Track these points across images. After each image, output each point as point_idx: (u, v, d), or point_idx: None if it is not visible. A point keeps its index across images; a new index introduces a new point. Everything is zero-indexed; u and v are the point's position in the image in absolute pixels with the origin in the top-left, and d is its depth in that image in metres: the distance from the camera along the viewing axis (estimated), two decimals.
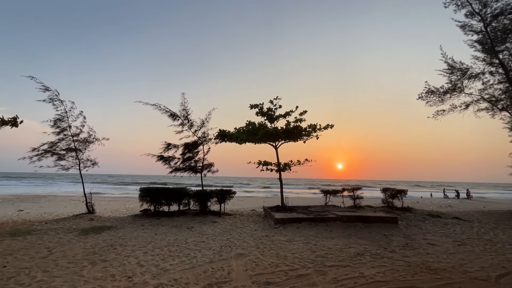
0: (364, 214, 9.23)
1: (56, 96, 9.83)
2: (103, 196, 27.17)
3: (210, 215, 10.20)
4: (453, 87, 14.81)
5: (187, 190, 10.84)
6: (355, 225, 8.50)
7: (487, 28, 13.75)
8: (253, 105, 12.77)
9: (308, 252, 5.64)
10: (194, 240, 6.48)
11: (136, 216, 9.99)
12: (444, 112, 15.51)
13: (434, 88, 15.19)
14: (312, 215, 9.07)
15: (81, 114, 10.38)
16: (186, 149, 11.69)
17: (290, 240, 6.68)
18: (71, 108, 10.19)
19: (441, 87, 15.10)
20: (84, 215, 10.22)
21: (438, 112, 15.56)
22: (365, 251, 5.83)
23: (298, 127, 11.73)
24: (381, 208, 11.86)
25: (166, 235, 7.03)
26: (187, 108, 11.40)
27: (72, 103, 10.21)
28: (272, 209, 10.60)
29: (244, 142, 12.85)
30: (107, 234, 6.97)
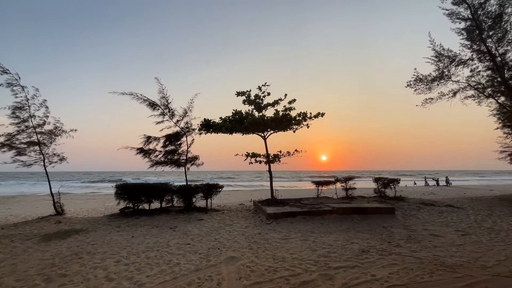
0: (360, 205, 8.76)
1: (16, 81, 8.44)
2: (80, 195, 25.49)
3: (196, 212, 9.37)
4: (441, 75, 14.65)
5: (169, 185, 9.92)
6: (351, 217, 8.00)
7: (474, 15, 13.58)
8: (239, 92, 11.89)
9: (308, 252, 5.00)
10: (178, 243, 5.66)
11: (113, 216, 8.96)
12: (432, 100, 15.41)
13: (422, 76, 15.00)
14: (306, 208, 8.48)
15: (45, 104, 9.05)
16: (168, 141, 10.68)
17: (286, 238, 6.01)
18: (34, 96, 8.83)
19: (428, 75, 14.93)
20: (52, 217, 9.04)
21: (426, 100, 15.43)
22: (369, 247, 5.27)
23: (287, 115, 11.02)
24: (374, 198, 11.53)
25: (145, 237, 6.15)
26: (166, 95, 10.35)
27: (36, 90, 8.86)
28: (262, 203, 9.91)
29: (230, 133, 11.99)
30: (73, 240, 5.98)
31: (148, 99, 10.28)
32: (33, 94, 8.75)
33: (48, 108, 9.11)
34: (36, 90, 8.77)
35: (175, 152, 10.85)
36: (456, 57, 13.83)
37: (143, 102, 10.31)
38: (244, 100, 12.08)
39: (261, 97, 11.93)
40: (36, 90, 8.76)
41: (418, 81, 15.15)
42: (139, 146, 10.51)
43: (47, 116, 9.08)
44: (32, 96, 8.73)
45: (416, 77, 15.10)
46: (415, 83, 15.26)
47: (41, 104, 8.93)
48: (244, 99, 12.06)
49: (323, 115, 12.15)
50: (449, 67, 14.35)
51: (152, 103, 10.36)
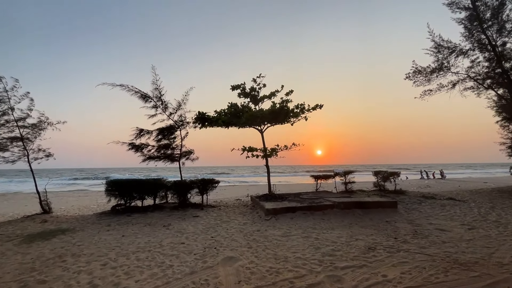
0: (362, 199, 8.49)
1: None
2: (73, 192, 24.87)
3: (191, 208, 8.98)
4: (440, 66, 14.39)
5: (163, 181, 9.48)
6: (353, 212, 7.72)
7: (475, 3, 13.29)
8: (234, 85, 11.45)
9: (311, 250, 4.67)
10: (171, 242, 5.28)
11: (104, 214, 8.52)
12: (431, 92, 15.19)
13: (421, 68, 14.73)
14: (306, 203, 8.17)
15: (27, 96, 8.46)
16: (161, 135, 10.21)
17: (286, 235, 5.68)
18: (14, 87, 8.23)
19: (427, 67, 14.65)
20: (38, 215, 8.56)
21: (425, 92, 15.20)
22: (375, 244, 4.98)
23: (285, 107, 10.63)
24: (374, 192, 11.30)
25: (137, 236, 5.75)
26: (159, 87, 9.83)
27: (16, 80, 8.25)
28: (260, 198, 9.58)
29: (226, 126, 11.57)
30: (58, 240, 5.55)
31: (140, 90, 9.76)
32: (13, 85, 8.15)
33: (33, 101, 8.54)
34: (16, 81, 8.18)
35: (168, 146, 10.40)
36: (456, 47, 13.55)
37: (135, 94, 9.80)
38: (240, 93, 11.65)
39: (257, 90, 11.51)
40: (16, 81, 8.17)
41: (417, 73, 14.89)
42: (131, 140, 10.02)
43: (30, 109, 8.51)
44: (11, 87, 8.13)
45: (415, 69, 14.82)
46: (414, 75, 14.99)
47: (23, 96, 8.34)
48: (239, 92, 11.64)
49: (322, 107, 11.79)
50: (449, 58, 14.09)
51: (144, 95, 9.84)
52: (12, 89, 8.14)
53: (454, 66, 14.09)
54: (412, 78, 15.08)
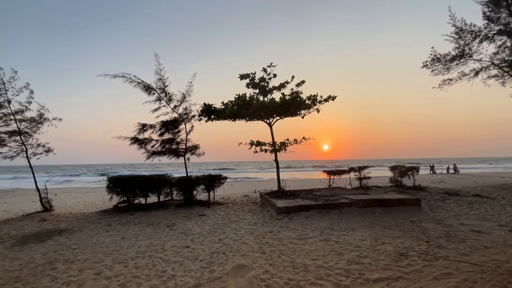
0: (381, 197, 7.81)
1: None
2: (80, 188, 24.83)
3: (197, 206, 8.48)
4: (461, 53, 13.37)
5: (167, 177, 8.99)
6: (373, 211, 7.06)
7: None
8: (243, 75, 10.78)
9: (333, 256, 4.07)
10: (175, 245, 4.75)
11: (105, 212, 8.10)
12: (451, 81, 14.22)
13: (440, 55, 13.73)
14: (321, 200, 7.55)
15: (27, 88, 8.01)
16: (165, 128, 9.68)
17: (302, 237, 5.09)
18: (12, 78, 7.78)
19: (447, 54, 13.65)
20: (39, 213, 8.19)
21: (444, 82, 14.24)
22: (406, 249, 4.34)
23: (297, 98, 9.93)
24: (391, 188, 10.59)
25: (137, 238, 5.25)
26: (163, 77, 9.25)
27: (14, 72, 7.79)
28: (270, 195, 8.99)
29: (233, 119, 10.97)
30: (53, 243, 5.09)
31: (143, 81, 9.20)
32: (10, 76, 7.69)
33: (32, 93, 8.08)
34: (14, 72, 7.71)
35: (173, 141, 9.87)
36: (481, 32, 12.52)
37: (137, 85, 9.24)
38: (248, 83, 10.97)
39: (267, 80, 10.82)
40: (14, 72, 7.71)
41: (435, 61, 13.90)
42: (133, 135, 9.52)
43: (29, 102, 8.06)
44: (9, 79, 7.68)
45: (434, 57, 13.84)
46: (432, 63, 14.02)
47: (22, 89, 7.89)
48: (248, 82, 10.96)
49: (335, 98, 11.05)
50: (471, 44, 13.07)
51: (147, 86, 9.28)
52: (9, 81, 7.69)
53: (477, 52, 13.07)
54: (430, 66, 14.11)
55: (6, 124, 7.81)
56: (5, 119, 7.78)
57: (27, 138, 8.26)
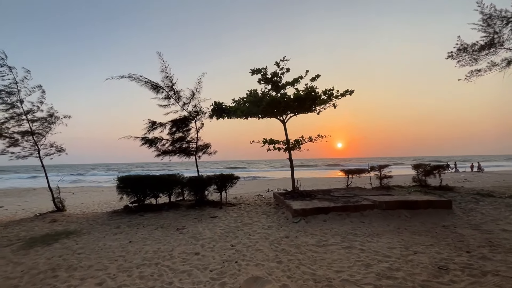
0: (407, 198, 7.18)
1: (2, 60, 7.34)
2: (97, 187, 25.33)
3: (209, 206, 8.16)
4: (491, 42, 12.31)
5: (178, 177, 8.73)
6: (398, 214, 6.47)
7: None
8: (254, 70, 10.32)
9: (360, 268, 3.58)
10: (184, 251, 4.41)
11: (116, 212, 7.93)
12: (479, 72, 13.14)
13: (467, 45, 12.70)
14: (340, 202, 7.02)
15: (39, 88, 7.95)
16: (175, 127, 9.43)
17: (323, 244, 4.62)
18: (25, 78, 7.73)
19: (475, 43, 12.60)
20: (51, 213, 8.16)
21: (472, 73, 13.19)
22: (444, 260, 3.78)
23: (312, 92, 9.39)
24: (414, 188, 9.86)
25: (145, 243, 4.96)
26: (170, 75, 8.98)
27: (27, 72, 7.75)
28: (285, 196, 8.53)
29: (245, 117, 10.58)
30: (59, 246, 4.88)
31: (150, 80, 8.97)
32: (23, 77, 7.64)
33: (44, 93, 8.02)
34: (27, 72, 7.65)
35: (183, 139, 9.61)
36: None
37: (145, 84, 9.02)
38: (260, 79, 10.51)
39: (279, 75, 10.32)
40: (27, 72, 7.65)
41: (462, 51, 12.88)
42: (143, 134, 9.33)
43: (41, 102, 8.01)
44: (22, 79, 7.63)
45: (460, 46, 12.84)
46: (458, 53, 12.99)
47: (34, 89, 7.84)
48: (259, 78, 10.51)
49: (352, 92, 10.43)
50: (502, 31, 11.99)
51: (154, 85, 9.05)
52: (22, 81, 7.65)
53: (509, 40, 12.00)
54: (456, 57, 13.09)
55: (18, 124, 7.79)
56: (18, 119, 7.75)
57: (40, 138, 8.23)
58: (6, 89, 7.53)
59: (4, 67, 7.45)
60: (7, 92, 7.55)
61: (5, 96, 7.53)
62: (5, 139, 7.69)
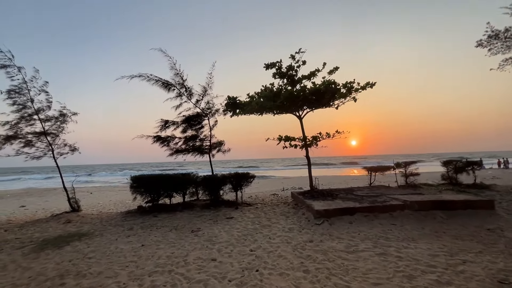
0: (441, 197, 6.51)
1: (9, 60, 7.29)
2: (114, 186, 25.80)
3: (224, 206, 7.81)
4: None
5: (192, 176, 8.44)
6: (432, 215, 5.83)
7: None
8: (269, 64, 9.85)
9: (402, 280, 3.07)
10: (199, 257, 4.05)
11: (130, 213, 7.74)
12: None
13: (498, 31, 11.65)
14: (366, 202, 6.46)
15: (46, 86, 7.86)
16: (187, 124, 9.14)
17: (353, 250, 4.12)
18: (33, 77, 7.68)
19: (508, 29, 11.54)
20: (67, 214, 8.09)
21: (506, 61, 12.11)
22: (502, 272, 3.20)
23: (332, 85, 8.82)
24: (445, 186, 9.09)
25: (158, 246, 4.65)
26: (180, 71, 8.68)
27: (36, 71, 7.68)
28: (304, 195, 8.04)
29: (259, 113, 10.15)
30: (70, 250, 4.66)
31: (161, 79, 8.70)
32: (32, 76, 7.58)
33: (48, 93, 7.94)
34: (36, 72, 7.58)
35: (196, 137, 9.31)
36: None
37: (156, 83, 8.76)
38: (275, 73, 10.03)
39: (295, 68, 9.80)
40: (36, 71, 7.58)
41: (493, 38, 11.85)
42: (156, 133, 9.10)
43: (50, 101, 7.95)
44: (30, 78, 7.57)
45: (491, 33, 11.80)
46: (488, 41, 11.97)
47: (42, 88, 7.76)
48: (274, 72, 10.03)
49: (373, 85, 9.76)
50: None
51: (166, 83, 8.78)
52: (31, 80, 7.59)
53: None
54: (487, 44, 12.06)
55: (30, 124, 7.74)
56: (29, 119, 7.69)
57: (54, 138, 8.17)
58: (16, 89, 7.47)
59: (12, 67, 7.38)
60: (17, 92, 7.49)
61: (16, 97, 7.47)
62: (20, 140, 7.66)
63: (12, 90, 7.34)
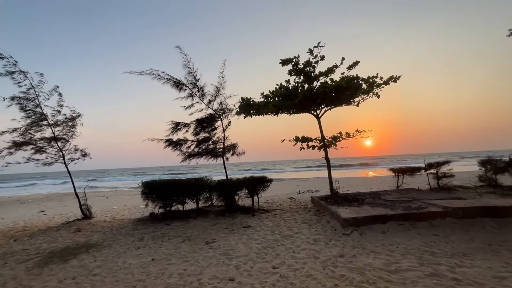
0: (488, 203, 5.68)
1: (14, 66, 7.12)
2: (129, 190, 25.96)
3: (240, 213, 7.30)
4: None
5: (205, 181, 8.01)
6: (480, 224, 5.05)
7: None
8: (285, 59, 9.27)
9: None
10: (215, 276, 3.53)
11: (141, 220, 7.39)
12: None
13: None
14: (399, 208, 5.74)
15: (56, 90, 7.68)
16: (200, 126, 8.74)
17: (395, 269, 3.47)
18: (40, 82, 7.49)
19: None
20: (79, 221, 7.86)
21: None
22: None
23: (354, 80, 8.15)
24: (484, 188, 8.16)
25: (170, 261, 4.18)
26: (193, 70, 8.29)
27: (41, 75, 7.47)
28: (327, 201, 7.38)
29: (275, 113, 9.61)
30: (76, 263, 4.28)
31: (172, 77, 8.36)
32: (39, 80, 7.38)
33: (61, 96, 7.76)
34: (41, 76, 7.37)
35: (209, 139, 8.89)
36: None
37: (167, 82, 8.42)
38: (291, 70, 9.45)
39: (313, 64, 9.18)
40: (41, 75, 7.36)
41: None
42: (167, 136, 8.75)
43: (61, 106, 7.75)
44: (37, 83, 7.39)
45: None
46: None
47: (51, 92, 7.57)
48: (290, 69, 9.45)
49: (398, 79, 8.99)
50: None
51: (177, 82, 8.43)
52: (38, 85, 7.41)
53: None
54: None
55: (40, 130, 7.57)
56: (39, 125, 7.52)
57: (64, 143, 7.98)
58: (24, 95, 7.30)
59: (17, 73, 7.19)
60: (26, 99, 7.33)
61: (25, 103, 7.31)
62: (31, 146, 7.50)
63: (17, 96, 7.15)
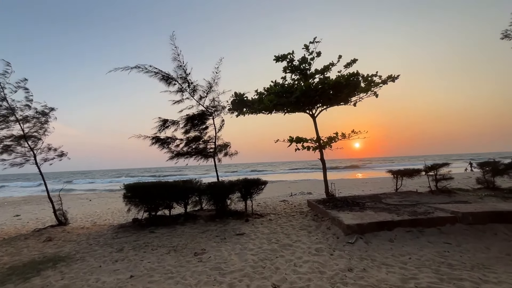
0: (495, 207, 5.38)
1: None
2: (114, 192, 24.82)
3: (232, 218, 6.74)
4: None
5: (195, 183, 7.41)
6: (492, 230, 4.72)
7: None
8: (279, 56, 8.83)
9: None
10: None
11: (123, 227, 6.69)
12: None
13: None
14: (405, 214, 5.34)
15: (24, 82, 6.82)
16: (190, 124, 8.12)
17: (414, 286, 3.02)
18: (6, 72, 6.60)
19: None
20: (52, 228, 7.06)
21: None
22: None
23: (354, 77, 7.77)
24: (483, 191, 7.96)
25: (152, 277, 3.57)
26: (183, 64, 7.69)
27: (7, 64, 6.62)
28: (325, 205, 6.92)
29: (269, 112, 9.13)
30: (39, 282, 3.59)
31: (161, 71, 7.71)
32: (4, 70, 6.53)
33: (28, 91, 6.89)
34: (7, 65, 6.53)
35: (199, 139, 8.28)
36: None
37: (155, 75, 7.77)
38: (286, 67, 9.00)
39: (309, 60, 8.76)
40: (7, 64, 6.53)
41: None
42: (154, 133, 8.09)
43: (30, 100, 6.90)
44: (2, 72, 6.54)
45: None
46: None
47: (19, 83, 6.71)
48: (285, 66, 9.00)
49: (396, 78, 8.72)
50: None
51: (166, 76, 7.79)
52: (4, 75, 6.56)
53: None
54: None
55: (7, 127, 6.71)
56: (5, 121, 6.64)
57: (36, 142, 7.16)
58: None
59: None
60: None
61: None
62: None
63: None
